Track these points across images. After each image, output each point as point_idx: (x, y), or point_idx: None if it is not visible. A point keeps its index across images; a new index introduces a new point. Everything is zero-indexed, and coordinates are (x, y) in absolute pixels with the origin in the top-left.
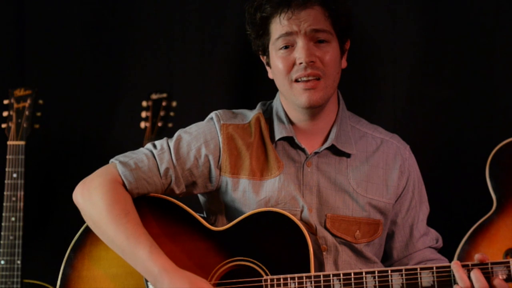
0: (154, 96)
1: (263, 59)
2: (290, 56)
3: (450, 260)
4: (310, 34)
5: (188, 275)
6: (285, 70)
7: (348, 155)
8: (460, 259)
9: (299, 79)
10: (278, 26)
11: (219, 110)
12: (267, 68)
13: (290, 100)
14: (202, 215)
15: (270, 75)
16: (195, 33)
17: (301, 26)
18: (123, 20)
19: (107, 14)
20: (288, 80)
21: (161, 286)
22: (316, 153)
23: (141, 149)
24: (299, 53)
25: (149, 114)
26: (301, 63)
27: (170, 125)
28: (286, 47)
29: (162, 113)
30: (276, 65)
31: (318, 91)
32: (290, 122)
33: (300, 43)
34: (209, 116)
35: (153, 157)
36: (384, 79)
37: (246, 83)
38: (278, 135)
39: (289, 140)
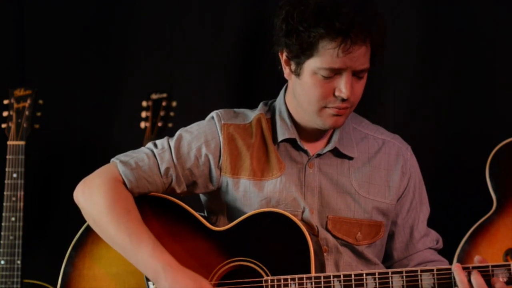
0: (154, 96)
1: (286, 63)
2: (329, 84)
3: (450, 260)
4: (356, 72)
5: (191, 273)
6: (321, 97)
7: (350, 158)
8: (460, 259)
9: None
10: (331, 56)
11: (220, 110)
12: (285, 67)
13: (312, 119)
14: (203, 214)
15: (287, 76)
16: (195, 33)
17: (353, 63)
18: (123, 20)
19: (107, 14)
20: (319, 105)
21: (164, 283)
22: (318, 155)
23: (142, 148)
24: (342, 87)
25: (149, 114)
26: (339, 96)
27: (170, 125)
28: (329, 77)
29: (162, 113)
30: (310, 87)
31: (344, 116)
32: (294, 123)
33: (346, 78)
34: (210, 115)
35: (153, 156)
36: (384, 80)
37: (246, 82)
38: (280, 137)
39: (292, 142)
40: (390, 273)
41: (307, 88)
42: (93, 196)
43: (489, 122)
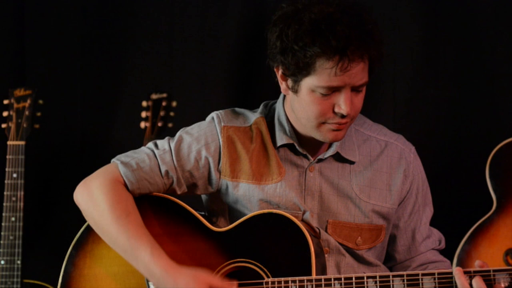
0: (154, 96)
1: (283, 78)
2: (327, 101)
3: (451, 260)
4: (354, 87)
5: (190, 272)
6: (320, 114)
7: (351, 162)
8: (460, 259)
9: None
10: (329, 75)
11: (221, 111)
12: (281, 83)
13: (311, 133)
14: (203, 213)
15: (284, 91)
16: (195, 33)
17: (352, 80)
18: (123, 20)
19: (107, 14)
20: (317, 121)
21: (165, 287)
22: (319, 160)
23: (143, 148)
24: (342, 104)
25: (149, 114)
26: (339, 112)
27: (170, 125)
28: (327, 94)
29: (162, 113)
30: (309, 105)
31: (344, 130)
32: (292, 128)
33: (345, 95)
34: (210, 116)
35: (154, 157)
36: (384, 80)
37: (246, 83)
38: (279, 142)
39: (291, 146)
40: (391, 276)
41: (305, 105)
42: (94, 197)
43: (489, 122)
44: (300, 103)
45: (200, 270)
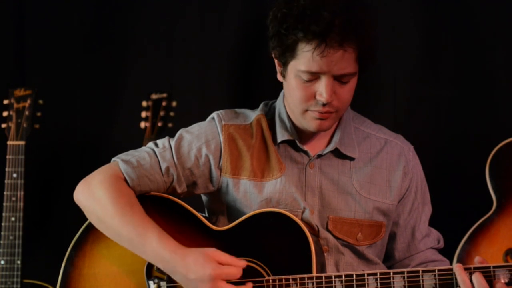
0: (154, 96)
1: (278, 64)
2: (310, 87)
3: (451, 260)
4: (337, 77)
5: (198, 249)
6: (302, 100)
7: (351, 158)
8: (460, 259)
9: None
10: (308, 59)
11: (221, 110)
12: (278, 70)
13: (298, 121)
14: (204, 214)
15: (279, 78)
16: (195, 32)
17: (332, 67)
18: (123, 20)
19: (107, 14)
20: (301, 107)
21: (174, 269)
22: (319, 155)
23: (143, 147)
24: (322, 91)
25: (149, 114)
26: (319, 100)
27: (170, 125)
28: (309, 80)
29: (162, 113)
30: (294, 90)
31: (329, 120)
32: (293, 124)
33: (325, 81)
34: (210, 116)
35: (155, 155)
36: (384, 80)
37: (246, 82)
38: (280, 138)
39: (292, 143)
40: (391, 273)
41: (291, 90)
42: (95, 193)
43: (489, 122)
44: (288, 88)
45: (208, 248)
